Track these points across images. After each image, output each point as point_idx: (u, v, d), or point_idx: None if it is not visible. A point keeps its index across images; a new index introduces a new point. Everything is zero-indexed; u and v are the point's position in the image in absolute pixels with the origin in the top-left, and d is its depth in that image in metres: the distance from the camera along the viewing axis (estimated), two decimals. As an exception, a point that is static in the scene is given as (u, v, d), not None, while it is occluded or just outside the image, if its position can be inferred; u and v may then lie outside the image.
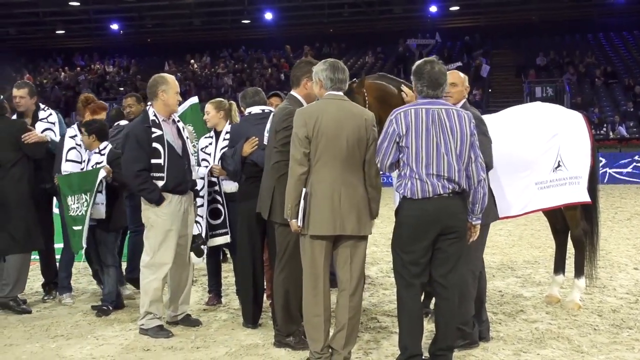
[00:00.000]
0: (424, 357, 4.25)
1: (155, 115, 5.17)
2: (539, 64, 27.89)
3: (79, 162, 5.95)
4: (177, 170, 5.16)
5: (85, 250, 5.92)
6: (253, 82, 26.90)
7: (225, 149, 5.66)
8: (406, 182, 4.09)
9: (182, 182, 5.21)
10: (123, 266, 6.62)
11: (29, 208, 5.95)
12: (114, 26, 32.82)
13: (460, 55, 28.25)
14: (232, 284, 6.38)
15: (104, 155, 5.81)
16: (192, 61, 32.89)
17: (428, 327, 4.83)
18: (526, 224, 10.74)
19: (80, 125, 6.03)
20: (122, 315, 5.77)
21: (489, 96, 26.50)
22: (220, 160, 5.66)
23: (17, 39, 33.80)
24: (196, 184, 5.54)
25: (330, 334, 4.37)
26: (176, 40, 33.95)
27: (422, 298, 4.64)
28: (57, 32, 33.45)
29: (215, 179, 5.85)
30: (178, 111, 5.70)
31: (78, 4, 28.73)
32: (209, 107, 6.12)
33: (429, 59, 4.27)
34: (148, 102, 5.31)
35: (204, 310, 5.95)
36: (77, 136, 6.00)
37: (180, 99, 5.45)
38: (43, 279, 6.60)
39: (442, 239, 4.10)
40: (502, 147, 4.95)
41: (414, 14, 30.63)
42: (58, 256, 6.50)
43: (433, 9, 29.18)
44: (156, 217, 5.12)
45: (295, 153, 4.24)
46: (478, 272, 4.78)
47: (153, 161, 5.09)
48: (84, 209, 5.66)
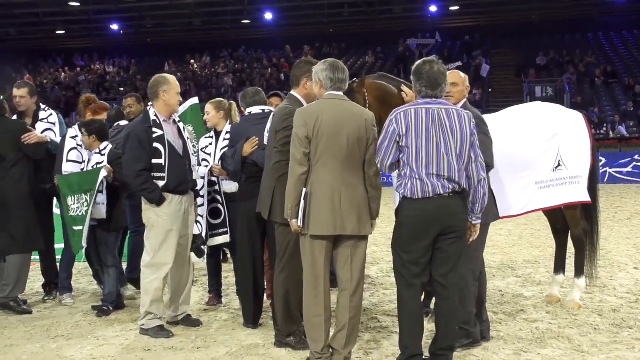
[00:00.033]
0: (424, 357, 4.25)
1: (156, 116, 5.18)
2: (539, 63, 27.90)
3: (80, 163, 5.96)
4: (178, 171, 5.17)
5: (86, 250, 5.93)
6: (253, 82, 26.92)
7: (225, 149, 5.66)
8: (406, 182, 4.09)
9: (183, 182, 5.22)
10: (124, 267, 6.62)
11: (29, 208, 5.95)
12: (114, 26, 32.84)
13: (460, 55, 28.24)
14: (232, 284, 6.38)
15: (104, 155, 5.81)
16: (192, 61, 32.92)
17: (428, 326, 4.83)
18: (526, 223, 10.74)
19: (80, 125, 6.04)
20: (123, 316, 5.77)
21: (489, 96, 26.51)
22: (220, 161, 5.66)
23: (17, 39, 33.81)
24: (197, 184, 5.54)
25: (331, 334, 4.37)
26: (176, 41, 33.97)
27: (423, 298, 4.64)
28: (57, 32, 33.48)
29: (215, 179, 5.86)
30: (178, 111, 5.70)
31: (78, 4, 28.75)
32: (209, 107, 6.12)
33: (428, 59, 4.27)
34: (149, 103, 5.31)
35: (205, 310, 5.95)
36: (77, 136, 6.00)
37: (181, 99, 5.46)
38: (43, 280, 6.60)
39: (443, 239, 4.10)
40: (502, 147, 4.95)
41: (414, 14, 30.64)
42: (59, 256, 6.50)
43: (433, 8, 29.18)
44: (157, 217, 5.13)
45: (295, 153, 4.24)
46: (478, 271, 4.78)
47: (154, 161, 5.09)
48: (84, 209, 5.66)
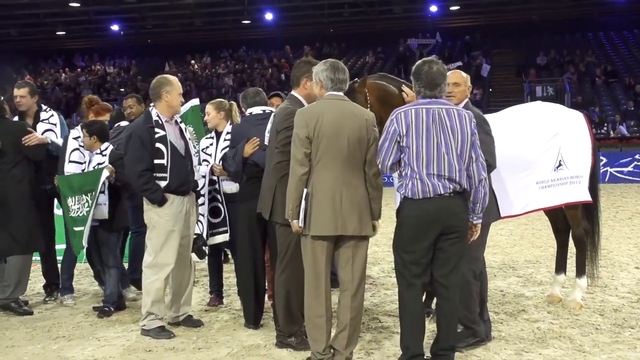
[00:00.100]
0: (425, 357, 4.24)
1: (158, 116, 5.18)
2: (540, 63, 27.90)
3: (81, 163, 5.96)
4: (179, 171, 5.17)
5: (87, 251, 5.93)
6: (253, 82, 26.93)
7: (226, 150, 5.66)
8: (407, 182, 4.09)
9: (184, 183, 5.22)
10: (125, 268, 6.62)
11: (29, 209, 5.95)
12: (115, 27, 32.84)
13: (461, 55, 28.24)
14: (233, 285, 6.38)
15: (105, 156, 5.81)
16: (192, 62, 32.94)
17: (430, 327, 4.83)
18: (527, 223, 10.73)
19: (81, 126, 6.04)
20: (124, 316, 5.77)
21: (490, 96, 26.49)
22: (221, 161, 5.66)
23: (17, 40, 33.80)
24: (198, 184, 5.54)
25: (332, 334, 4.37)
26: (176, 41, 33.98)
27: (424, 298, 4.64)
28: (57, 33, 33.47)
29: (216, 178, 5.86)
30: (180, 112, 5.71)
31: (78, 5, 28.74)
32: (209, 107, 6.12)
33: (428, 59, 4.26)
34: (151, 104, 5.31)
35: (206, 310, 5.95)
36: (80, 137, 6.01)
37: (182, 99, 5.46)
38: (44, 280, 6.60)
39: (443, 239, 4.10)
40: (503, 147, 4.94)
41: (414, 14, 30.63)
42: (60, 257, 6.50)
43: (433, 8, 29.15)
44: (158, 217, 5.13)
45: (296, 153, 4.24)
46: (478, 271, 4.77)
47: (156, 161, 5.10)
48: (85, 209, 5.66)
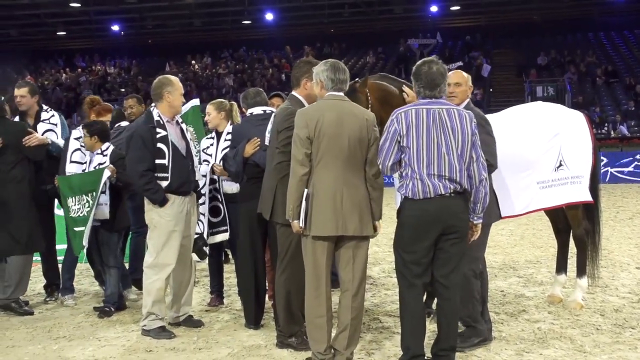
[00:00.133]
0: (426, 358, 4.24)
1: (159, 116, 5.18)
2: (540, 63, 27.90)
3: (82, 164, 5.96)
4: (181, 171, 5.17)
5: (87, 251, 5.93)
6: (254, 82, 26.95)
7: (226, 150, 5.66)
8: (407, 182, 4.09)
9: (185, 183, 5.22)
10: (126, 268, 6.61)
11: (30, 209, 5.95)
12: (115, 27, 32.83)
13: (461, 55, 28.24)
14: (234, 285, 6.38)
15: (106, 156, 5.81)
16: (193, 62, 32.95)
17: (430, 327, 4.82)
18: (528, 223, 10.73)
19: (82, 126, 6.03)
20: (124, 317, 5.77)
21: (490, 96, 26.49)
22: (222, 162, 5.66)
23: (18, 40, 33.81)
24: (198, 185, 5.54)
25: (332, 335, 4.37)
26: (177, 41, 34.00)
27: (425, 298, 4.64)
28: (58, 33, 33.47)
29: (216, 177, 5.87)
30: (181, 112, 5.71)
31: (79, 5, 28.74)
32: (209, 108, 6.12)
33: (428, 59, 4.26)
34: (152, 104, 5.31)
35: (206, 311, 5.95)
36: (81, 137, 6.00)
37: (183, 100, 5.46)
38: (45, 281, 6.60)
39: (444, 239, 4.10)
40: (504, 147, 4.94)
41: (414, 14, 30.60)
42: (61, 257, 6.50)
43: (434, 8, 29.12)
44: (159, 218, 5.13)
45: (296, 154, 4.23)
46: (479, 270, 4.77)
47: (157, 161, 5.10)
48: (85, 210, 5.66)
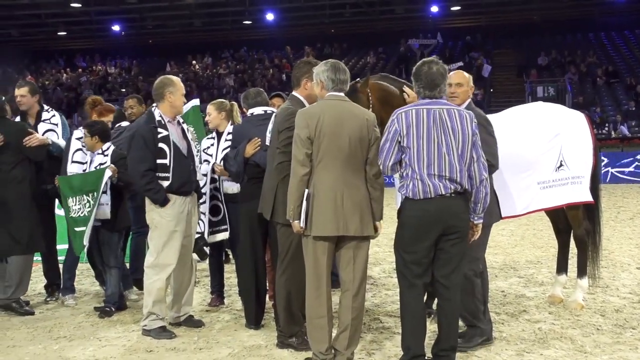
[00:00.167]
0: (426, 358, 4.24)
1: (161, 116, 5.19)
2: (541, 63, 27.90)
3: (83, 164, 5.96)
4: (182, 171, 5.17)
5: (88, 251, 5.93)
6: (255, 82, 26.95)
7: (227, 150, 5.67)
8: (408, 182, 4.09)
9: (186, 183, 5.22)
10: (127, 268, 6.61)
11: (30, 209, 5.96)
12: (116, 27, 32.84)
13: (462, 56, 28.24)
14: (234, 285, 6.38)
15: (107, 156, 5.81)
16: (193, 62, 32.95)
17: (431, 327, 4.82)
18: (528, 223, 10.73)
19: (83, 126, 6.04)
20: (125, 317, 5.77)
21: (491, 96, 26.50)
22: (222, 162, 5.67)
23: (19, 40, 33.84)
24: (200, 185, 5.55)
25: (333, 335, 4.37)
26: (177, 41, 34.01)
27: (425, 298, 4.64)
28: (58, 33, 33.48)
29: (216, 177, 5.87)
30: (182, 112, 5.71)
31: (79, 5, 28.76)
32: (210, 108, 6.12)
33: (428, 59, 4.26)
34: (153, 104, 5.31)
35: (207, 311, 5.95)
36: (82, 137, 6.00)
37: (185, 100, 5.47)
38: (45, 281, 6.60)
39: (445, 239, 4.10)
40: (504, 147, 4.93)
41: (415, 14, 30.60)
42: (61, 257, 6.50)
43: (434, 9, 29.12)
44: (160, 218, 5.13)
45: (297, 154, 4.23)
46: (479, 271, 4.77)
47: (158, 161, 5.10)
48: (86, 210, 5.66)
